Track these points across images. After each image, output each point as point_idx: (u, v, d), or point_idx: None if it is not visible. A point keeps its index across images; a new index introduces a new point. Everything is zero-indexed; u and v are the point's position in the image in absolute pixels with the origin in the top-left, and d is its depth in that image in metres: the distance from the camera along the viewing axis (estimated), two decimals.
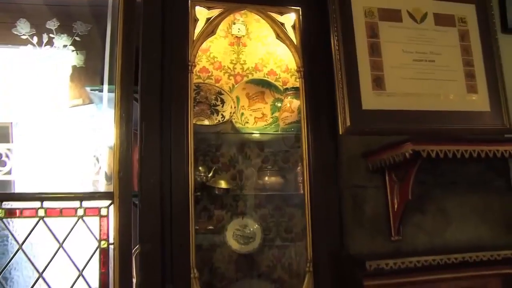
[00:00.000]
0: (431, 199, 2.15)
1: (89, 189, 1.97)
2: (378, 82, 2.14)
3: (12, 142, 1.95)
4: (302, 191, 2.03)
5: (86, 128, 1.99)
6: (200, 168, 2.06)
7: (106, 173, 1.97)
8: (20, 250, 1.79)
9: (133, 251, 1.86)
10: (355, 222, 2.03)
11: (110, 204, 1.85)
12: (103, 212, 1.85)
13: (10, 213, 1.81)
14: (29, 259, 1.80)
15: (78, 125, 2.00)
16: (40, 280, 1.79)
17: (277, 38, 2.12)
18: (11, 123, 2.03)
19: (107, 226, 1.84)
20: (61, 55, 1.98)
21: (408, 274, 1.94)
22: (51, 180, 1.89)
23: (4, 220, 1.80)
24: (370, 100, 2.10)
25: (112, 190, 1.85)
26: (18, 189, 1.88)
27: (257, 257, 2.12)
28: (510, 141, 2.08)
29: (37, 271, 1.79)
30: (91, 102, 2.11)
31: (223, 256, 2.10)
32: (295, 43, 2.11)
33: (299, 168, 2.11)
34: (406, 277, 1.95)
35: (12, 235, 1.80)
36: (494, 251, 2.06)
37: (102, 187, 1.95)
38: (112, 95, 1.95)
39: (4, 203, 1.80)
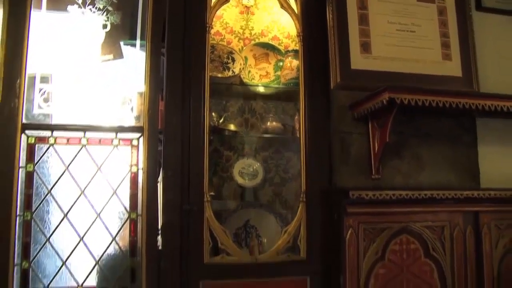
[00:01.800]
0: (408, 147, 2.54)
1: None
2: (366, 47, 2.53)
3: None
4: (298, 136, 2.42)
5: (118, 77, 2.37)
6: (213, 113, 2.46)
7: (135, 116, 2.35)
8: (66, 171, 2.19)
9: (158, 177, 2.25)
10: (342, 162, 2.43)
11: (140, 136, 2.24)
12: (134, 142, 2.25)
13: (59, 140, 2.20)
14: (73, 178, 2.19)
15: (111, 75, 2.38)
16: (82, 196, 2.19)
17: (281, 7, 2.51)
18: (51, 74, 2.37)
19: (137, 154, 2.24)
20: (100, 15, 2.37)
21: (385, 205, 2.33)
22: (89, 117, 2.27)
23: (54, 146, 2.20)
24: (358, 61, 2.50)
25: (142, 125, 2.24)
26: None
27: (259, 191, 2.51)
28: (479, 95, 2.45)
29: (80, 189, 2.19)
30: (121, 57, 2.49)
31: (230, 189, 2.49)
32: (296, 12, 2.50)
33: (296, 117, 2.49)
34: (383, 207, 2.34)
35: (60, 158, 2.19)
36: (457, 191, 2.44)
37: (133, 124, 2.33)
38: (143, 50, 2.34)
39: (54, 132, 2.20)
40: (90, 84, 2.31)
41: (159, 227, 2.21)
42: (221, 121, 2.48)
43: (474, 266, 2.50)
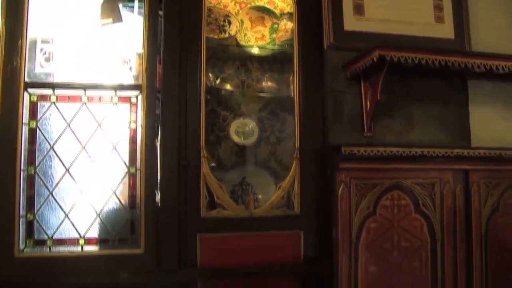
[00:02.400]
0: (399, 106, 2.61)
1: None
2: (359, 9, 2.58)
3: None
4: (292, 95, 2.49)
5: (118, 39, 2.44)
6: (210, 74, 2.52)
7: (134, 75, 2.42)
8: (67, 128, 2.27)
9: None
10: (336, 120, 2.50)
11: (138, 94, 2.31)
12: (133, 100, 2.32)
13: (61, 98, 2.28)
14: (74, 135, 2.27)
15: (111, 37, 2.44)
16: (83, 152, 2.27)
17: None
18: (52, 38, 2.43)
19: (136, 112, 2.31)
20: None
21: (376, 161, 2.40)
22: (89, 75, 2.34)
23: (55, 103, 2.27)
24: (351, 23, 2.55)
25: (140, 83, 2.31)
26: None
27: (255, 149, 2.59)
28: (470, 54, 2.50)
29: (81, 144, 2.27)
30: (120, 21, 2.54)
31: (227, 147, 2.57)
32: None
33: (291, 77, 2.55)
34: (374, 164, 2.41)
35: (62, 115, 2.27)
36: (448, 149, 2.51)
37: (131, 83, 2.40)
38: (141, 13, 2.39)
39: (56, 90, 2.27)
40: (90, 46, 2.37)
41: (158, 182, 2.29)
42: (217, 82, 2.55)
43: (463, 222, 2.58)
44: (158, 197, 2.28)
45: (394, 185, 2.46)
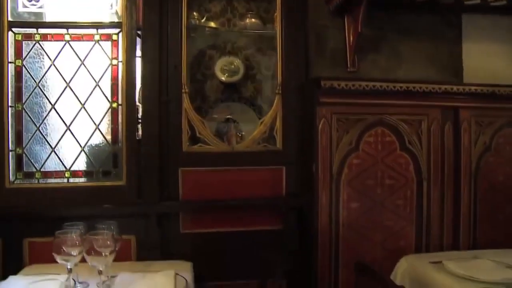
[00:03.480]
0: (387, 42, 2.55)
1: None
2: None
3: None
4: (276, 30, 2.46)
5: None
6: (194, 13, 2.52)
7: (114, 12, 2.42)
8: (52, 66, 2.33)
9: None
10: (318, 55, 2.48)
11: (119, 32, 2.34)
12: (114, 37, 2.35)
13: (44, 37, 2.33)
14: (59, 72, 2.34)
15: None
16: (68, 89, 2.34)
17: None
18: None
19: (117, 48, 2.34)
20: None
21: (359, 96, 2.37)
22: (72, 14, 2.37)
23: (40, 42, 2.33)
24: None
25: (121, 21, 2.33)
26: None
27: (241, 87, 2.59)
28: None
29: (65, 81, 2.33)
30: None
31: (212, 86, 2.58)
32: None
33: (275, 14, 2.50)
34: (356, 99, 2.38)
35: (46, 53, 2.33)
36: (435, 85, 2.45)
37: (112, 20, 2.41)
38: None
39: (39, 29, 2.32)
40: None
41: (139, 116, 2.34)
42: (203, 20, 2.54)
43: (452, 161, 2.54)
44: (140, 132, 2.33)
45: (378, 121, 2.43)
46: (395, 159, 2.46)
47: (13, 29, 2.29)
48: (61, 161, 2.32)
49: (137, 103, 2.38)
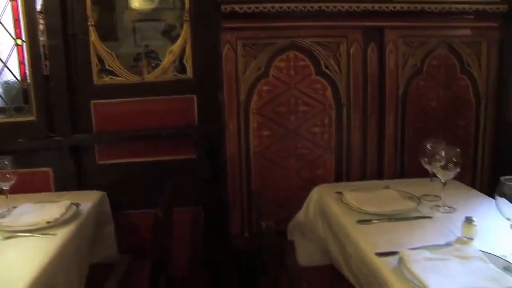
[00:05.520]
0: None
1: None
2: None
3: None
4: None
5: None
6: None
7: None
8: None
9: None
10: None
11: None
12: None
13: None
14: None
15: None
16: None
17: None
18: None
19: None
20: None
21: (266, 20, 2.26)
22: None
23: None
24: None
25: None
26: None
27: (158, 16, 2.53)
28: None
29: None
30: None
31: (126, 15, 2.53)
32: None
33: None
34: (263, 22, 2.27)
35: None
36: (353, 3, 2.28)
37: None
38: None
39: None
40: None
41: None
42: None
43: (377, 85, 2.41)
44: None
45: (289, 45, 2.32)
46: (310, 84, 2.36)
47: None
48: None
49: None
